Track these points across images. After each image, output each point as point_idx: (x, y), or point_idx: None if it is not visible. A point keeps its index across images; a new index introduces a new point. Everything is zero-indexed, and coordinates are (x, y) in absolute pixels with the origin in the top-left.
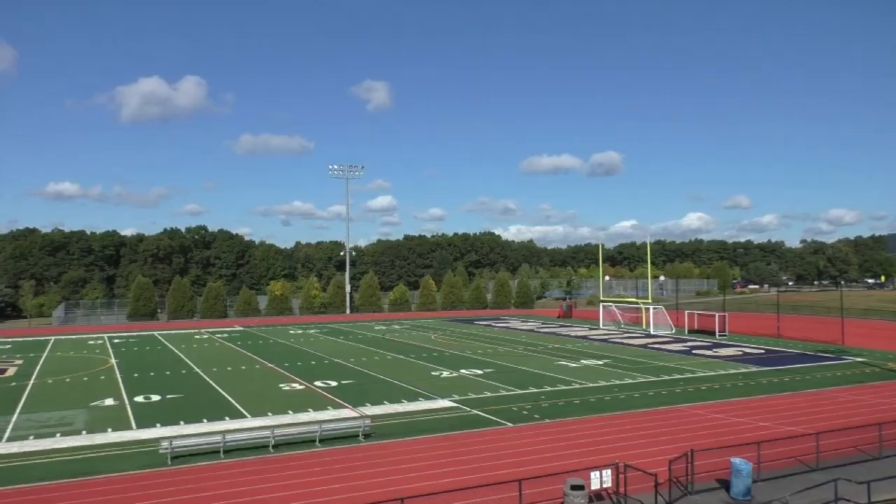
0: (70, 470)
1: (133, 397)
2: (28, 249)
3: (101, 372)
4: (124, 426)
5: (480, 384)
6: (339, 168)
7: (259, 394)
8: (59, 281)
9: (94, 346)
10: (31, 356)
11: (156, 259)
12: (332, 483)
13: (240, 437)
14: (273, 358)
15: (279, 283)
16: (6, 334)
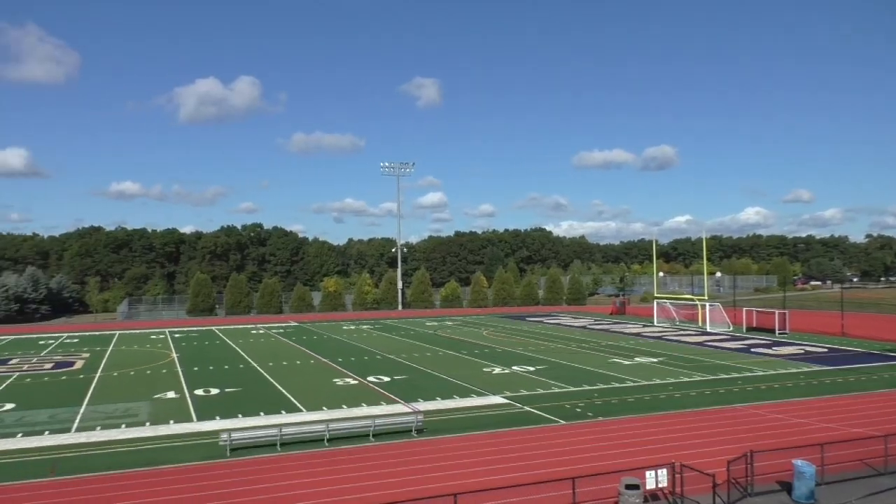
0: (135, 460)
1: (193, 390)
2: (93, 247)
3: (162, 365)
4: (185, 418)
5: (532, 381)
6: (389, 165)
7: (313, 388)
8: (123, 277)
9: (156, 340)
10: (98, 350)
11: (213, 256)
12: (385, 477)
13: (295, 430)
14: (327, 353)
15: (332, 279)
16: (74, 328)
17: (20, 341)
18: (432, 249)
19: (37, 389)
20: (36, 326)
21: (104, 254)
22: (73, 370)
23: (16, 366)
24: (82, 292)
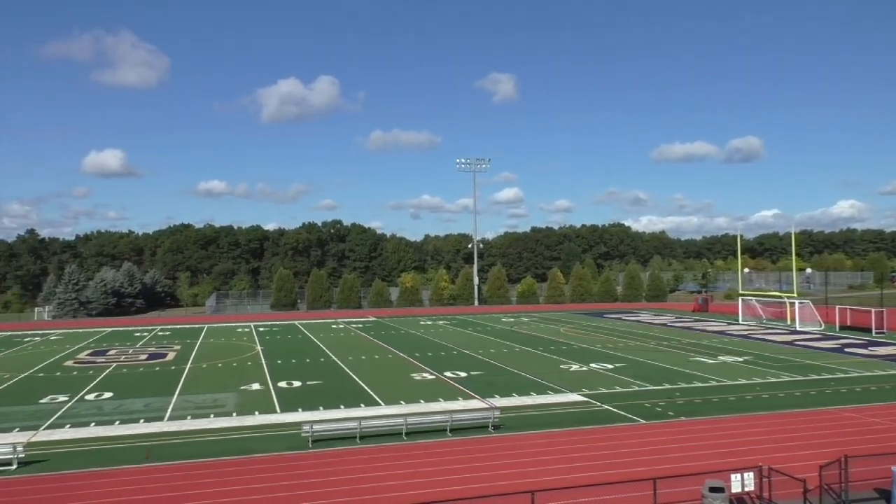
0: (223, 449)
1: (277, 383)
2: (183, 243)
3: (248, 358)
4: (270, 410)
5: (611, 379)
6: (465, 161)
7: (392, 382)
8: (211, 272)
9: (242, 333)
10: (188, 342)
11: (295, 252)
12: (463, 472)
13: (374, 423)
14: (404, 348)
15: (410, 275)
16: (166, 321)
17: (117, 333)
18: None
19: (133, 379)
20: (131, 319)
21: (193, 250)
22: (165, 361)
23: (114, 357)
24: (173, 287)
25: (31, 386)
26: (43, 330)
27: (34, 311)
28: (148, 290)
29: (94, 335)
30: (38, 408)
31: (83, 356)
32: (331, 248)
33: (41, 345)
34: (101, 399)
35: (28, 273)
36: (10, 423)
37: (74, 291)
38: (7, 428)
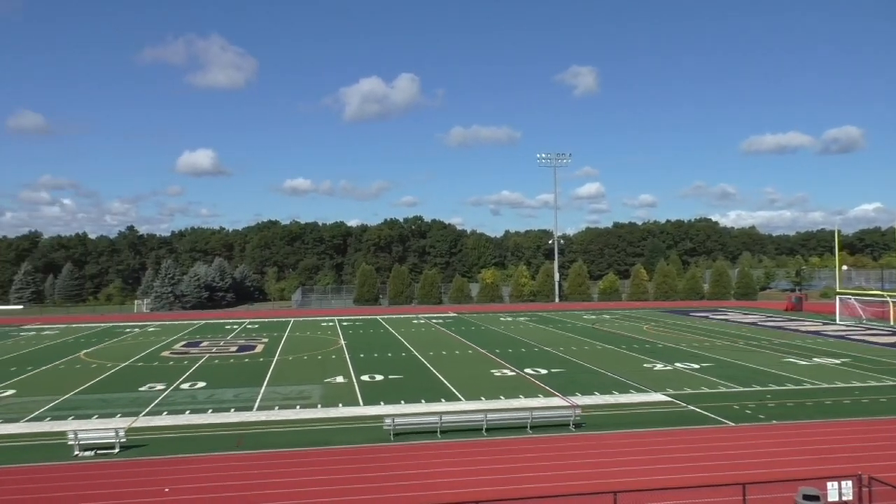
0: (309, 439)
1: (360, 376)
2: (271, 240)
3: (332, 352)
4: (353, 402)
5: (697, 379)
6: (546, 156)
7: (472, 378)
8: (297, 268)
9: (326, 327)
10: (275, 335)
11: (378, 248)
12: (544, 470)
13: (455, 418)
14: (485, 344)
15: (490, 271)
16: (255, 315)
17: (210, 326)
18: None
19: (224, 370)
20: (222, 312)
21: (280, 246)
22: (254, 353)
23: (206, 348)
24: (261, 281)
25: (131, 374)
26: (142, 322)
27: (134, 304)
28: (238, 285)
29: (188, 327)
30: (138, 395)
31: (178, 347)
32: (412, 244)
33: (140, 336)
34: (194, 388)
35: (128, 268)
36: (112, 409)
37: (170, 285)
38: (110, 413)
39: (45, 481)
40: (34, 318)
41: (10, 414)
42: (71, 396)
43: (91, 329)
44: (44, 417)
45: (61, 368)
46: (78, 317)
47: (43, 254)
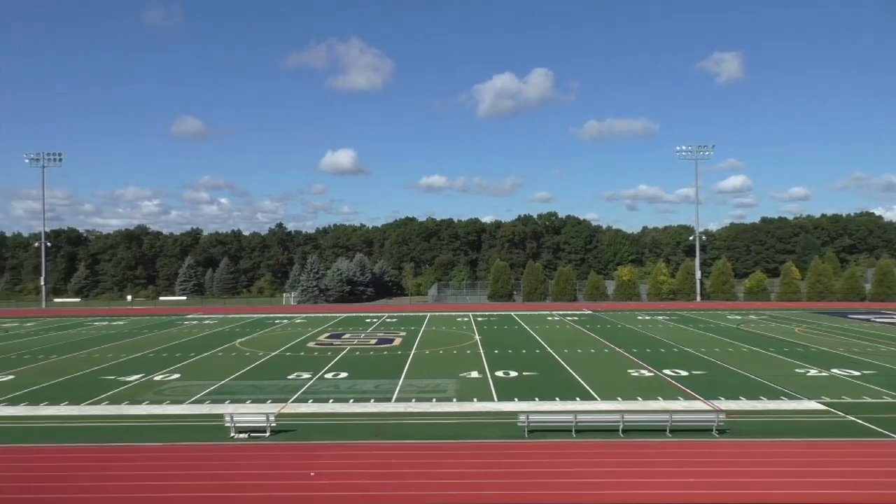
0: (445, 432)
1: (494, 372)
2: (408, 236)
3: (467, 347)
4: (487, 398)
5: (857, 387)
6: (686, 149)
7: (608, 377)
8: (433, 263)
9: (461, 322)
10: (412, 329)
11: (512, 244)
12: (683, 476)
13: (590, 418)
14: (621, 343)
15: (626, 268)
16: (393, 309)
17: (351, 319)
18: (734, 237)
19: (364, 361)
20: (363, 306)
21: (417, 242)
22: (392, 346)
23: (348, 340)
24: (399, 277)
25: (280, 363)
26: (289, 314)
27: (282, 297)
28: (377, 280)
29: (331, 320)
30: (287, 383)
31: (322, 338)
32: (546, 241)
33: (288, 327)
34: (337, 378)
35: (277, 262)
36: (264, 395)
37: (315, 280)
38: (262, 399)
39: (206, 459)
40: (196, 308)
41: (175, 396)
42: (227, 382)
43: (245, 319)
44: (204, 401)
45: (219, 355)
46: (233, 308)
47: (203, 249)
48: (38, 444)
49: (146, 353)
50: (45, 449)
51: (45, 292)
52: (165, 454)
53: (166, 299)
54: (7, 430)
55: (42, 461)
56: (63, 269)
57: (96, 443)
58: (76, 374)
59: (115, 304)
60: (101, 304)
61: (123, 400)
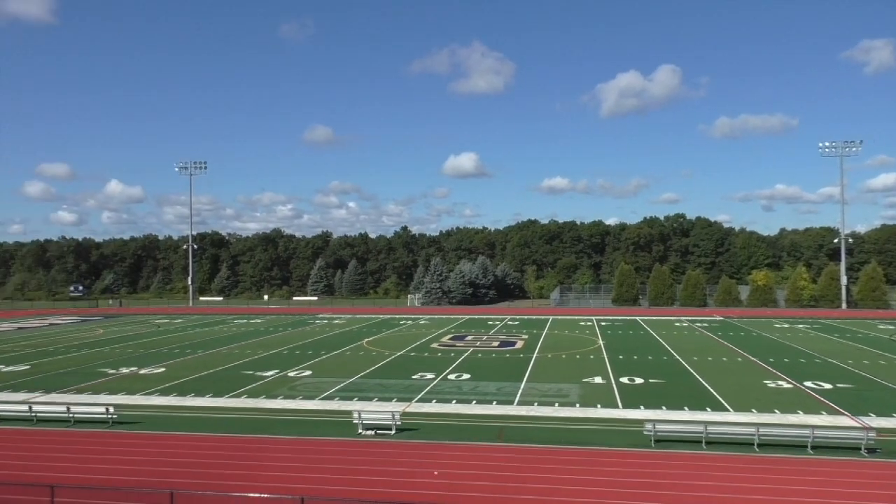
0: (567, 437)
1: (618, 378)
2: (530, 238)
3: (590, 351)
4: (611, 404)
5: None
6: (830, 145)
7: (741, 388)
8: (555, 266)
9: (584, 326)
10: (534, 332)
11: (637, 247)
12: (827, 497)
13: (722, 430)
14: (756, 352)
15: (762, 272)
16: (515, 312)
17: (473, 321)
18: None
19: (487, 363)
20: (485, 308)
21: (539, 244)
22: (514, 349)
23: (470, 342)
24: (521, 279)
25: (405, 363)
26: (414, 315)
27: (407, 298)
28: (499, 282)
29: (454, 321)
30: (411, 382)
31: (446, 340)
32: (673, 243)
33: (412, 327)
34: (460, 379)
35: (402, 265)
36: (389, 394)
37: (438, 281)
38: (387, 397)
39: (336, 453)
40: (326, 308)
41: (308, 392)
42: (356, 380)
43: (371, 320)
44: (334, 397)
45: (347, 354)
46: (361, 308)
47: (333, 251)
48: (185, 432)
49: (281, 350)
50: (191, 437)
51: (191, 291)
52: (298, 447)
53: (299, 299)
54: (159, 417)
55: (189, 448)
56: (207, 270)
57: (236, 433)
58: (219, 369)
59: (253, 303)
60: (241, 303)
61: (260, 394)
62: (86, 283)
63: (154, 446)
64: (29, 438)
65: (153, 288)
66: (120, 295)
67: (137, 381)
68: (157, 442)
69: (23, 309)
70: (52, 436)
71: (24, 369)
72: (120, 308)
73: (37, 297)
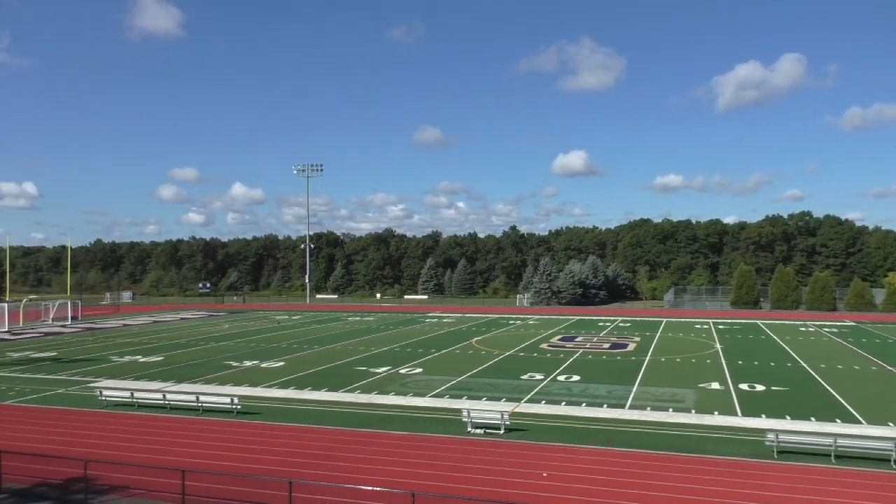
0: (681, 444)
1: (737, 384)
2: (643, 238)
3: (706, 356)
4: (729, 411)
5: None
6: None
7: (877, 399)
8: (669, 267)
9: (700, 330)
10: (647, 335)
11: (758, 247)
12: None
13: (854, 443)
14: (893, 360)
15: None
16: (626, 313)
17: (583, 322)
18: None
19: (597, 366)
20: (595, 309)
21: (652, 244)
22: (626, 352)
23: (580, 343)
24: (633, 280)
25: (514, 363)
26: (522, 315)
27: (516, 298)
28: (610, 283)
29: (563, 322)
30: (520, 383)
31: (555, 340)
32: (798, 243)
33: (521, 328)
34: (569, 381)
35: (511, 264)
36: (498, 393)
37: (547, 282)
38: (496, 397)
39: (445, 451)
40: (436, 307)
41: (418, 389)
42: (465, 378)
43: (480, 319)
44: (443, 395)
45: (457, 353)
46: (470, 307)
47: (443, 251)
48: (302, 423)
49: (392, 348)
50: (308, 429)
51: (308, 289)
52: (409, 442)
53: (410, 298)
54: (278, 409)
55: (305, 439)
56: (323, 269)
57: (350, 427)
58: (334, 364)
59: (366, 301)
60: (355, 301)
61: (373, 389)
62: (213, 281)
63: (273, 436)
64: (163, 425)
65: (273, 286)
66: (243, 292)
67: (259, 373)
68: (276, 432)
69: (157, 304)
70: (182, 423)
71: (158, 360)
72: (243, 304)
73: (170, 293)
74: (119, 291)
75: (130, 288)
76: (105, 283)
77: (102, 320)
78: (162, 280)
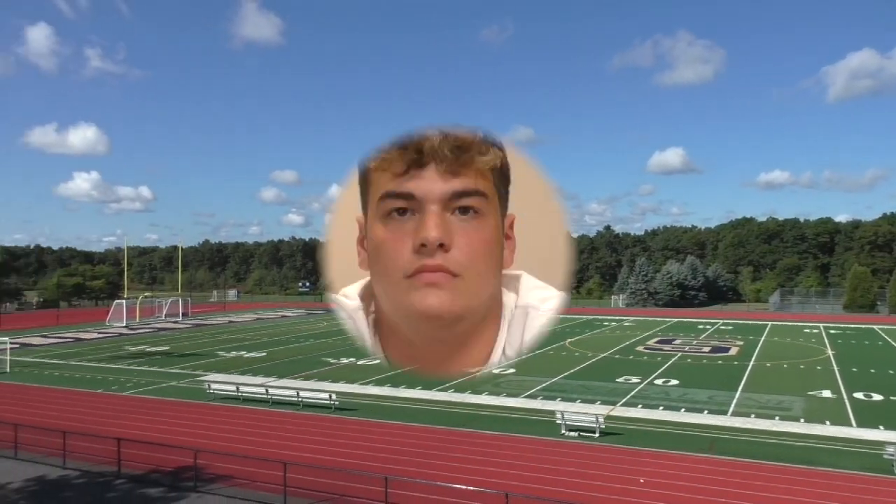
0: (788, 455)
1: (852, 393)
2: (745, 237)
3: (816, 362)
4: (842, 421)
5: None
6: None
7: None
8: (775, 268)
9: (809, 334)
10: (750, 339)
11: (874, 247)
12: None
13: None
14: None
15: None
16: (728, 316)
17: (681, 324)
18: None
19: (696, 370)
20: (694, 311)
21: (755, 244)
22: (728, 356)
23: (679, 346)
24: (735, 281)
25: (609, 365)
26: (617, 316)
27: (611, 299)
28: (710, 284)
29: (660, 324)
30: (615, 385)
31: (652, 343)
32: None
33: (616, 329)
34: (667, 385)
35: (606, 265)
36: (592, 396)
37: (644, 282)
38: (590, 399)
39: (538, 452)
40: None
41: (511, 389)
42: (558, 380)
43: (575, 320)
44: (537, 396)
45: (550, 354)
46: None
47: None
48: (397, 420)
49: None
50: (402, 426)
51: None
52: (502, 442)
53: None
54: (374, 406)
55: (400, 436)
56: None
57: (444, 425)
58: None
59: None
60: None
61: (467, 389)
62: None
63: (369, 432)
64: (265, 418)
65: None
66: None
67: (356, 371)
68: (372, 429)
69: (260, 302)
70: (284, 417)
71: (261, 356)
72: None
73: (271, 292)
74: (225, 290)
75: (235, 286)
76: (212, 281)
77: (210, 317)
78: (264, 279)
